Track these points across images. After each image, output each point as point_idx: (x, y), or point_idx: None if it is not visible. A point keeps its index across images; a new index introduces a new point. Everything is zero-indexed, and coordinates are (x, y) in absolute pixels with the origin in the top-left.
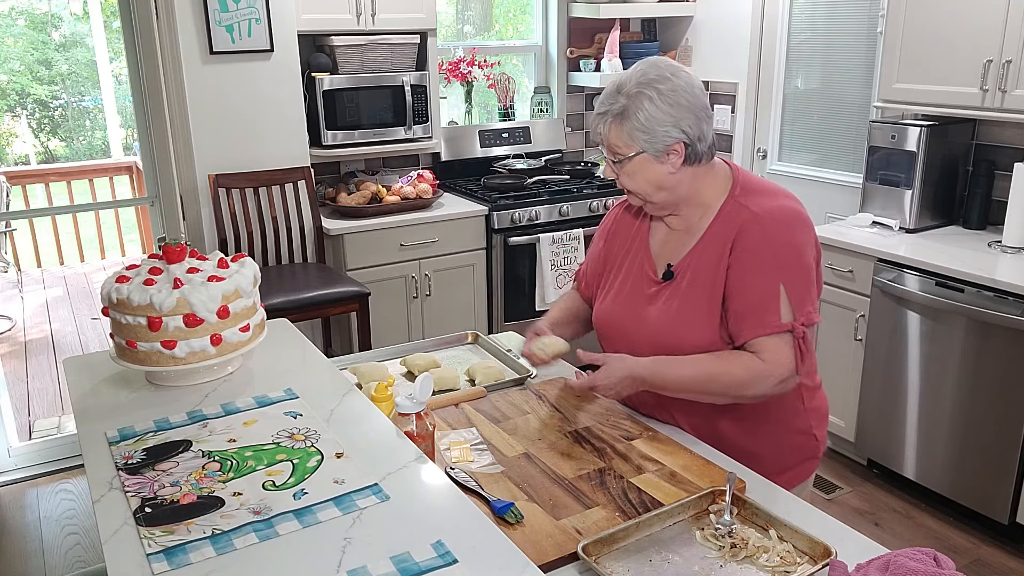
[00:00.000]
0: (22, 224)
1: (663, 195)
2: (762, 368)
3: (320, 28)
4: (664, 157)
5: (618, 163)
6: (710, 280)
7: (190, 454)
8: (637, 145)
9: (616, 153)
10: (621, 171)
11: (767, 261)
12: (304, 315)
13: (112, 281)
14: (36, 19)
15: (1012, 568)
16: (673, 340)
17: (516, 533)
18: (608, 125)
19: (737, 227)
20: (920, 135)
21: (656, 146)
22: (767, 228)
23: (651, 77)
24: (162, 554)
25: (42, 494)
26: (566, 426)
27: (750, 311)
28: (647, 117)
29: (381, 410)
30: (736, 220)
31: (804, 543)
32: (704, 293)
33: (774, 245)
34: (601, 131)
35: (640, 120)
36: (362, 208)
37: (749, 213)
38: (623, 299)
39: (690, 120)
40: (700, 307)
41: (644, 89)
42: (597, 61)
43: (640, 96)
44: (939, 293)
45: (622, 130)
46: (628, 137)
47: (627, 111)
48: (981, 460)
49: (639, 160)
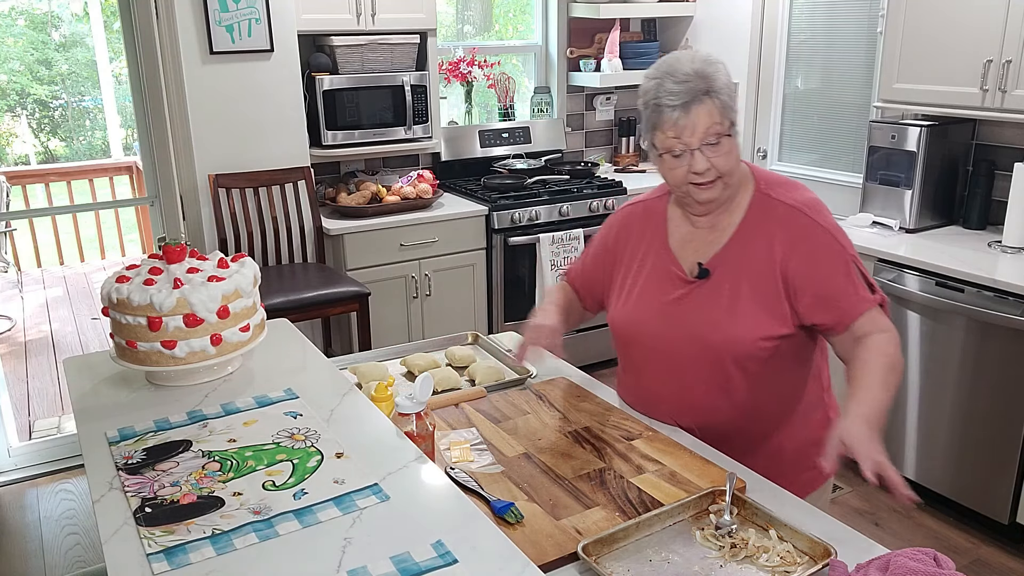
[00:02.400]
0: (22, 224)
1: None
2: (892, 335)
3: (320, 28)
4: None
5: (716, 144)
6: (760, 274)
7: (190, 454)
8: (729, 116)
9: (714, 134)
10: (719, 152)
11: (829, 247)
12: (304, 315)
13: (112, 281)
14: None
15: (1012, 568)
16: (722, 336)
17: (516, 533)
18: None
19: (778, 220)
20: (920, 135)
21: (736, 116)
22: (813, 218)
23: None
24: (162, 554)
25: (42, 494)
26: (566, 426)
27: (839, 295)
28: (725, 85)
29: (381, 410)
30: (773, 214)
31: (804, 543)
32: (752, 287)
33: (826, 232)
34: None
35: (726, 90)
36: (362, 208)
37: (785, 206)
38: (647, 301)
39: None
40: (750, 302)
41: (707, 65)
42: (597, 61)
43: (714, 70)
44: (939, 293)
45: (715, 105)
46: (723, 109)
47: (712, 86)
48: (981, 460)
49: (734, 133)
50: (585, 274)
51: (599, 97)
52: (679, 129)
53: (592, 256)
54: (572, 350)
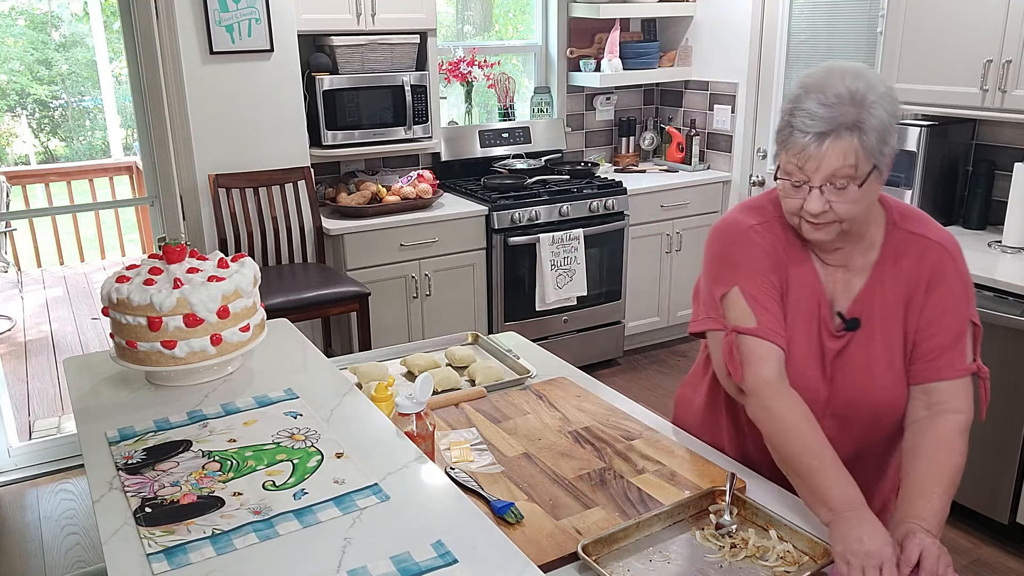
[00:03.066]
0: (22, 224)
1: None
2: (965, 423)
3: (320, 28)
4: (884, 174)
5: (843, 189)
6: (894, 324)
7: (190, 454)
8: (871, 160)
9: (843, 177)
10: (845, 198)
11: (960, 298)
12: (304, 315)
13: (112, 281)
14: (36, 19)
15: (1012, 568)
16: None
17: (516, 533)
18: (840, 142)
19: (918, 258)
20: (920, 135)
21: (884, 160)
22: (956, 260)
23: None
24: (162, 554)
25: (42, 494)
26: (566, 426)
27: (940, 351)
28: (880, 126)
29: (381, 410)
30: (911, 250)
31: (804, 543)
32: (888, 340)
33: (963, 279)
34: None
35: (877, 130)
36: (362, 208)
37: (927, 242)
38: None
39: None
40: (885, 358)
41: (869, 95)
42: (597, 61)
43: (873, 104)
44: None
45: (856, 144)
46: (866, 151)
47: (862, 119)
48: (981, 460)
49: (872, 179)
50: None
51: (599, 97)
52: (804, 159)
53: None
54: (572, 350)
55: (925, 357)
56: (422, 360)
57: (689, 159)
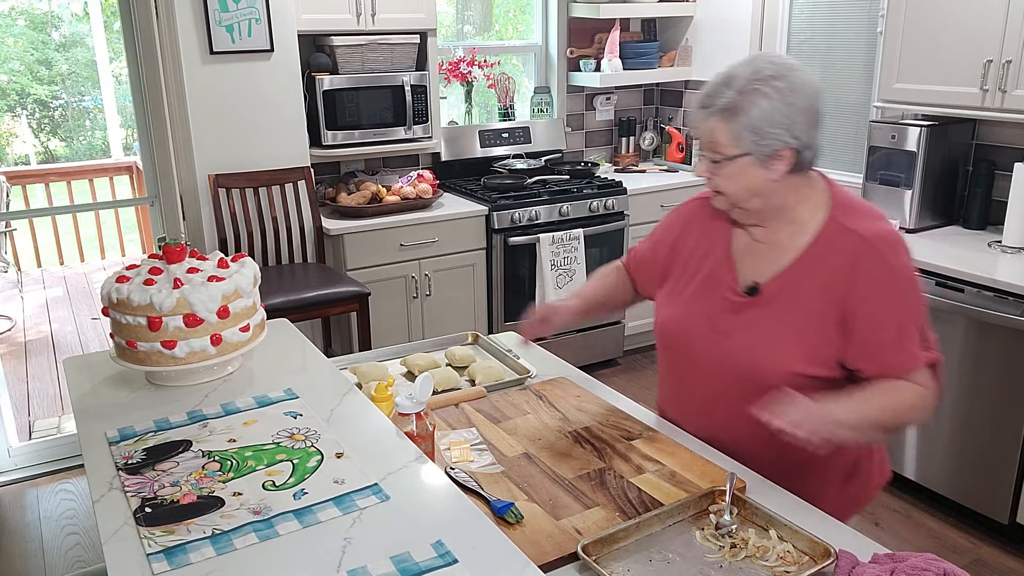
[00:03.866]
0: (22, 224)
1: (756, 203)
2: (926, 395)
3: (320, 28)
4: (769, 162)
5: (717, 163)
6: (812, 307)
7: (190, 454)
8: (743, 146)
9: (717, 152)
10: (719, 172)
11: (895, 293)
12: (304, 315)
13: (112, 281)
14: (36, 19)
15: (1012, 568)
16: (751, 364)
17: (516, 533)
18: (713, 120)
19: (848, 254)
20: (920, 135)
21: (764, 150)
22: (885, 256)
23: (768, 73)
24: (162, 554)
25: (42, 494)
26: (566, 426)
27: (886, 346)
28: (760, 116)
29: (381, 410)
30: (844, 245)
31: (804, 543)
32: (801, 319)
33: (896, 274)
34: (703, 126)
35: (751, 118)
36: (362, 208)
37: (857, 237)
38: (698, 310)
39: (803, 124)
40: (793, 333)
41: (760, 84)
42: (597, 61)
43: (754, 92)
44: (939, 293)
45: (728, 128)
46: (734, 136)
47: (737, 107)
48: (981, 460)
49: (741, 163)
50: (643, 261)
51: (599, 97)
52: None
53: (654, 244)
54: (572, 350)
55: (866, 348)
56: (422, 360)
57: (689, 159)
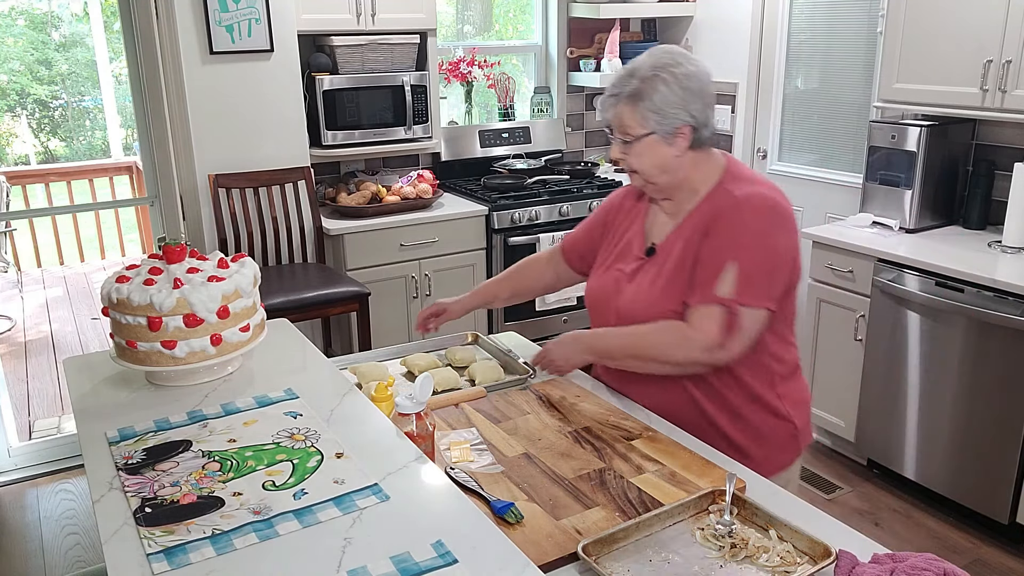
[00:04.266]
0: (22, 224)
1: (665, 178)
2: (688, 333)
3: (320, 28)
4: (672, 139)
5: (628, 143)
6: (680, 257)
7: (190, 454)
8: (648, 126)
9: (627, 133)
10: (630, 151)
11: (728, 241)
12: (304, 315)
13: (112, 281)
14: (36, 19)
15: (1012, 568)
16: (645, 316)
17: (516, 533)
18: (621, 106)
19: (717, 210)
20: (920, 135)
21: (666, 128)
22: (742, 212)
23: (665, 61)
24: (162, 554)
25: (42, 494)
26: (566, 426)
27: (698, 283)
28: (660, 99)
29: (381, 410)
30: (719, 204)
31: (804, 543)
32: (672, 268)
33: (740, 227)
34: (612, 112)
35: (654, 101)
36: (362, 208)
37: (731, 198)
38: (611, 277)
39: (699, 105)
40: (665, 281)
41: (659, 72)
42: (597, 61)
43: (654, 79)
44: (939, 293)
45: (635, 111)
46: (641, 117)
47: (641, 92)
48: (981, 460)
49: (648, 141)
50: (578, 244)
51: (599, 97)
52: (605, 114)
53: (587, 228)
54: None
55: (693, 286)
56: (422, 360)
57: None
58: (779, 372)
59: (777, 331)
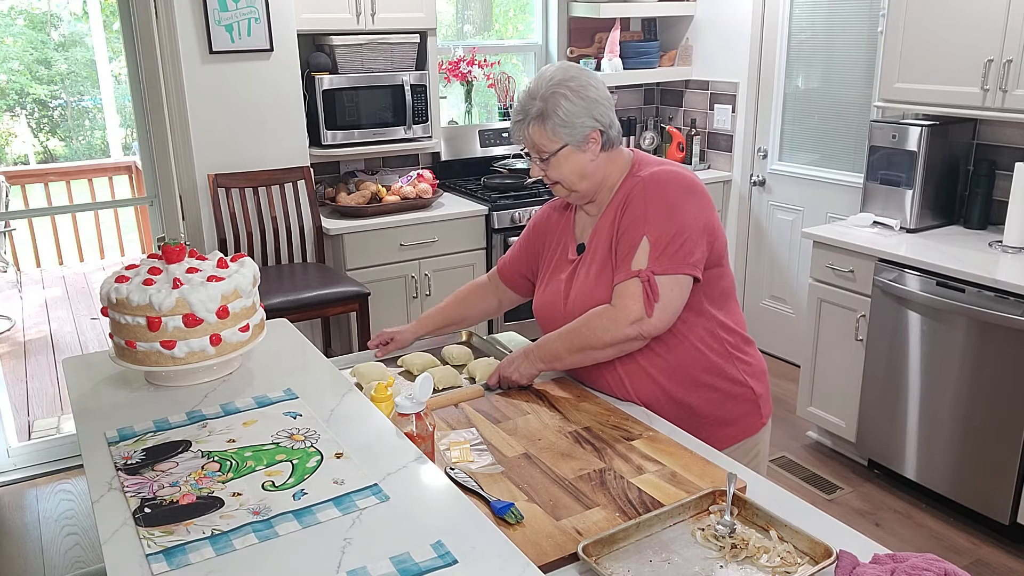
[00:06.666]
0: (21, 224)
1: (586, 183)
2: (612, 313)
3: (320, 28)
4: (584, 146)
5: (545, 160)
6: (603, 245)
7: (189, 454)
8: (560, 139)
9: (542, 151)
10: (548, 166)
11: (638, 218)
12: (304, 315)
13: (111, 281)
14: (35, 19)
15: (1012, 568)
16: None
17: (516, 533)
18: (530, 127)
19: (627, 194)
20: (921, 135)
21: (577, 137)
22: (647, 188)
23: (560, 78)
24: (161, 554)
25: (42, 494)
26: (566, 426)
27: (618, 263)
28: (565, 112)
29: (381, 410)
30: (628, 188)
31: (804, 543)
32: (600, 259)
33: (647, 202)
34: (524, 134)
35: (560, 116)
36: (362, 208)
37: (638, 180)
38: (553, 286)
39: (601, 109)
40: (596, 272)
41: (557, 88)
42: (597, 61)
43: (555, 95)
44: (940, 293)
45: (544, 129)
46: (552, 134)
47: (545, 111)
48: (982, 460)
49: (564, 153)
50: (516, 264)
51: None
52: (518, 138)
53: (521, 247)
54: None
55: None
56: (421, 360)
57: (689, 159)
58: (729, 341)
59: (716, 301)
